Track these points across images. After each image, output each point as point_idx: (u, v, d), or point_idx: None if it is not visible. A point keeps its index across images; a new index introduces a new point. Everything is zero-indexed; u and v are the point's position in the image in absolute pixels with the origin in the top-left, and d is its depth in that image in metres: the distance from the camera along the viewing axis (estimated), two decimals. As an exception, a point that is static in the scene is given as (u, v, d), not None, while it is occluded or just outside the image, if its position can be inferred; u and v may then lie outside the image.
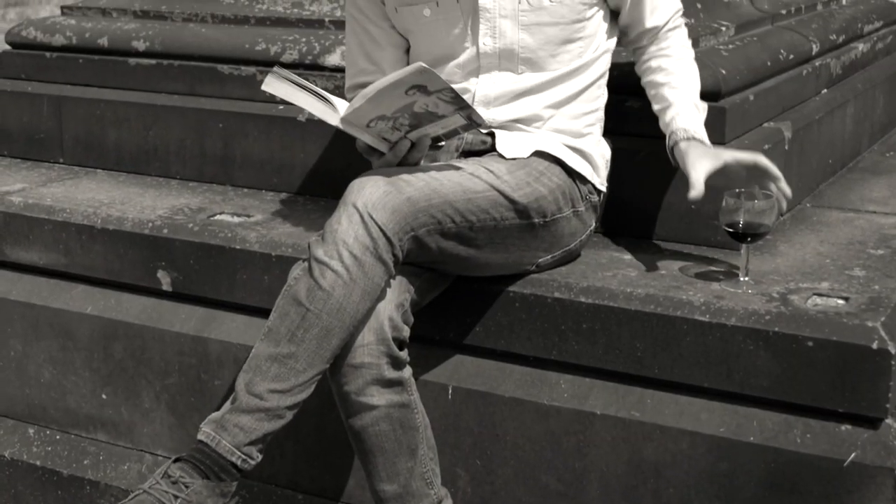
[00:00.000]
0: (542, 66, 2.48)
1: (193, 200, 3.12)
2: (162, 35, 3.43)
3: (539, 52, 2.46)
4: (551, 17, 2.43)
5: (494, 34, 2.46)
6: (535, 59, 2.47)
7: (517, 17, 2.44)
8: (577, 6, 2.44)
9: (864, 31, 3.91)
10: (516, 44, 2.45)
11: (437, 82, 2.11)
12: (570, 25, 2.45)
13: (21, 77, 3.65)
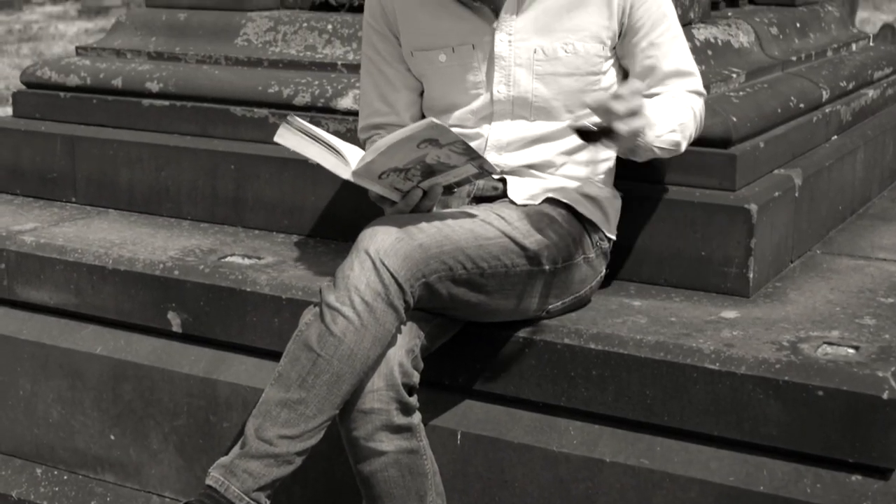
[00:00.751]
0: (556, 116, 2.49)
1: (204, 242, 3.13)
2: (176, 76, 3.45)
3: (553, 101, 2.48)
4: (566, 67, 2.45)
5: (509, 82, 2.47)
6: (548, 108, 2.48)
7: (532, 66, 2.46)
8: (593, 58, 2.46)
9: (874, 78, 3.92)
10: (530, 93, 2.47)
11: (448, 136, 2.13)
12: (584, 77, 2.47)
13: (35, 116, 3.68)
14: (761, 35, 3.44)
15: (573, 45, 2.46)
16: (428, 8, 2.50)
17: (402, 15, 2.54)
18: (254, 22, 3.53)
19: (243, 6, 3.60)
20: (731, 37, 3.27)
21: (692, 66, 2.55)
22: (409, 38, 2.55)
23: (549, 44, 2.45)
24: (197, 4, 3.66)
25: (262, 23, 3.52)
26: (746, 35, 3.36)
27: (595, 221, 2.53)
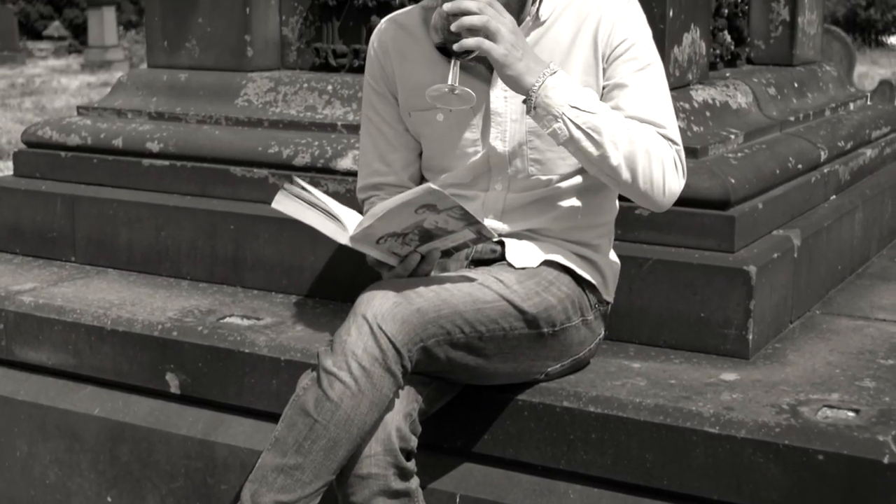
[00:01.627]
0: (552, 167, 2.48)
1: (203, 302, 3.13)
2: (176, 137, 3.47)
3: (548, 153, 2.47)
4: None
5: (504, 137, 2.48)
6: (543, 160, 2.48)
7: (525, 119, 2.46)
8: None
9: (872, 137, 3.94)
10: (525, 145, 2.47)
11: (446, 201, 2.13)
12: None
13: (36, 176, 3.69)
14: (759, 96, 3.46)
15: None
16: (424, 69, 2.51)
17: (400, 76, 2.55)
18: (254, 82, 3.55)
19: (244, 67, 3.62)
20: (730, 98, 3.29)
21: (663, 118, 2.38)
22: (406, 99, 2.56)
23: None
24: (198, 65, 3.69)
25: (262, 83, 3.54)
26: (745, 96, 3.37)
27: (594, 283, 2.53)
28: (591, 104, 2.28)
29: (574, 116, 2.25)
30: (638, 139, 2.30)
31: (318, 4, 3.61)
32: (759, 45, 3.94)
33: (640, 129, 2.33)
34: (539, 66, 2.26)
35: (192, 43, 3.70)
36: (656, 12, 3.00)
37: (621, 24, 2.40)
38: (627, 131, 2.30)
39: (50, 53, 25.42)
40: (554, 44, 2.42)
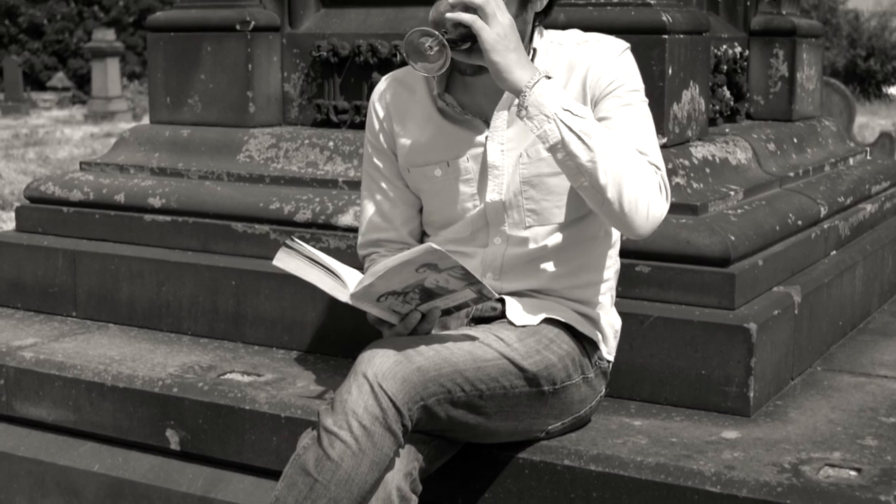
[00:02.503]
0: (548, 217, 2.48)
1: (204, 358, 3.13)
2: (178, 192, 3.48)
3: (543, 202, 2.47)
4: (550, 167, 2.43)
5: (501, 189, 2.49)
6: (539, 210, 2.48)
7: (518, 170, 2.47)
8: None
9: (872, 192, 3.95)
10: (520, 195, 2.47)
11: (447, 261, 2.14)
12: None
13: (38, 231, 3.70)
14: (759, 151, 3.48)
15: None
16: (422, 125, 2.53)
17: (399, 133, 2.57)
18: (256, 139, 3.57)
19: (246, 123, 3.65)
20: (729, 154, 3.30)
21: (647, 147, 2.36)
22: (405, 155, 2.58)
23: (532, 147, 2.46)
24: (200, 121, 3.71)
25: (264, 139, 3.56)
26: (744, 152, 3.39)
27: (594, 341, 2.53)
28: (584, 111, 2.27)
29: (566, 119, 2.22)
30: (626, 155, 2.27)
31: (319, 61, 3.64)
32: (758, 100, 3.96)
33: (629, 149, 2.30)
34: (531, 67, 2.26)
35: (195, 99, 3.72)
36: (655, 70, 3.03)
37: (611, 69, 2.42)
38: (617, 145, 2.27)
39: (54, 104, 25.55)
40: None
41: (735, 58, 3.81)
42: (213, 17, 3.68)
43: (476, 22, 2.22)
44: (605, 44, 2.46)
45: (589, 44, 2.47)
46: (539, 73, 2.26)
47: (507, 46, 2.24)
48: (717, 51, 3.67)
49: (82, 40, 30.21)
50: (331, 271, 2.27)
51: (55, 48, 32.57)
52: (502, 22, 2.24)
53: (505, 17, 2.26)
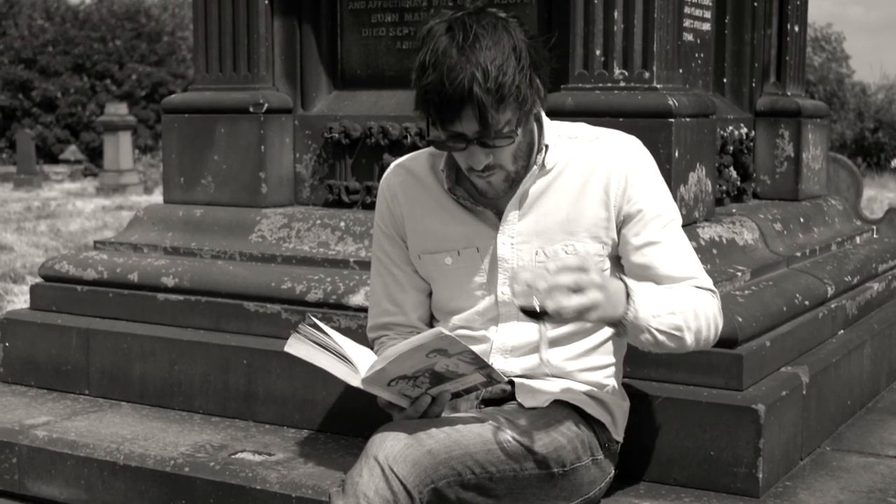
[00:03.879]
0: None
1: (216, 437, 3.14)
2: (191, 272, 3.52)
3: None
4: None
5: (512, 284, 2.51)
6: None
7: (534, 265, 2.50)
8: (594, 258, 2.50)
9: (879, 271, 3.98)
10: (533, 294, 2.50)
11: (456, 346, 2.17)
12: None
13: (52, 309, 3.74)
14: (766, 232, 3.51)
15: (573, 245, 2.50)
16: (433, 213, 2.57)
17: (410, 220, 2.61)
18: (268, 219, 3.62)
19: (258, 203, 3.70)
20: (736, 235, 3.34)
21: (695, 269, 2.45)
22: (415, 242, 2.61)
23: (549, 245, 2.50)
24: (213, 201, 3.76)
25: (276, 219, 3.61)
26: (751, 232, 3.42)
27: (603, 423, 2.55)
28: (668, 304, 2.32)
29: (658, 325, 2.30)
30: (700, 311, 2.36)
31: (331, 142, 3.70)
32: (764, 180, 4.01)
33: (698, 300, 2.37)
34: (620, 294, 2.26)
35: (208, 179, 3.78)
36: (662, 153, 3.07)
37: (637, 180, 2.44)
38: (693, 309, 2.35)
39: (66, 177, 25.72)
40: (562, 192, 2.47)
41: (741, 138, 3.86)
42: (226, 99, 3.75)
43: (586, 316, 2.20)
44: (621, 146, 2.48)
45: (602, 141, 2.49)
46: (629, 301, 2.26)
47: (609, 309, 2.23)
48: (723, 132, 3.72)
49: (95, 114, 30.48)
50: (342, 355, 2.30)
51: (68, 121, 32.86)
52: (603, 301, 2.20)
53: (602, 286, 2.20)
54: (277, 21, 3.79)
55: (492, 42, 2.24)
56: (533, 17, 3.45)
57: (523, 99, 2.29)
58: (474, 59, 2.22)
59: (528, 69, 2.29)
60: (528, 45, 2.30)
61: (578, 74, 3.24)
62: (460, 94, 2.22)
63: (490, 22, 2.28)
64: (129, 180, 20.99)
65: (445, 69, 2.23)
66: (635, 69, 3.18)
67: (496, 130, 2.29)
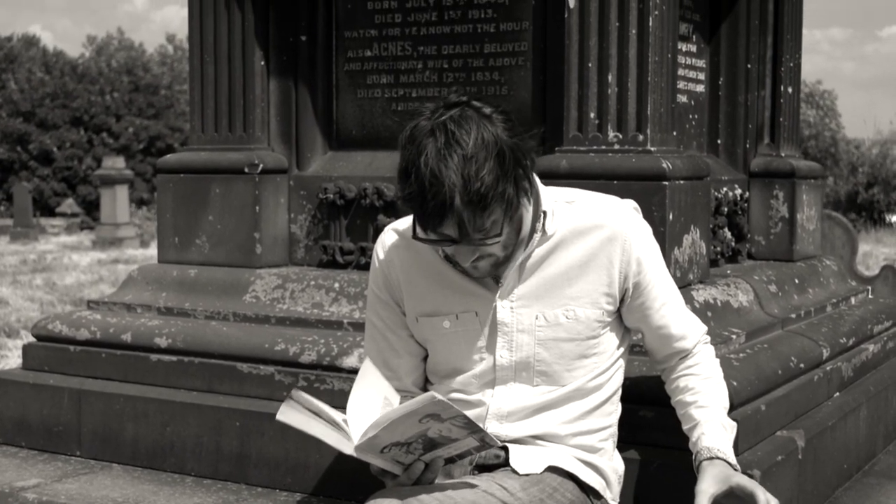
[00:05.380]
0: (558, 379, 2.52)
1: (207, 500, 3.12)
2: (184, 332, 3.51)
3: (554, 365, 2.51)
4: (567, 332, 2.49)
5: (511, 347, 2.51)
6: (550, 372, 2.51)
7: (534, 331, 2.50)
8: (593, 324, 2.51)
9: (874, 332, 3.97)
10: (532, 357, 2.50)
11: (449, 410, 2.16)
12: (585, 341, 2.51)
13: (44, 369, 3.72)
14: (760, 293, 3.51)
15: (574, 311, 2.51)
16: (430, 277, 2.56)
17: (406, 284, 2.60)
18: (262, 279, 3.61)
19: (253, 263, 3.69)
20: (731, 297, 3.33)
21: (694, 322, 2.63)
22: (413, 305, 2.60)
23: (550, 310, 2.50)
24: (208, 261, 3.76)
25: (270, 280, 3.60)
26: (746, 294, 3.42)
27: (597, 489, 2.53)
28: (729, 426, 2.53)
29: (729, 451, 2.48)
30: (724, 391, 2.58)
31: (326, 203, 3.70)
32: (759, 240, 4.01)
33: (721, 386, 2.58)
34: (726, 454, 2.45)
35: (203, 239, 3.78)
36: (656, 215, 3.08)
37: (641, 248, 2.50)
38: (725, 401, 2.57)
39: (62, 230, 25.76)
40: (563, 258, 2.47)
41: (736, 199, 3.87)
42: (222, 159, 3.75)
43: None
44: (621, 213, 2.51)
45: (600, 206, 2.51)
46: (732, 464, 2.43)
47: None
48: (717, 193, 3.73)
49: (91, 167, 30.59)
50: (334, 423, 2.28)
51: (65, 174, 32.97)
52: None
53: None
54: (273, 82, 3.81)
55: (474, 148, 2.22)
56: (527, 79, 3.46)
57: (509, 200, 2.28)
58: (455, 168, 2.20)
59: (513, 170, 2.27)
60: (511, 144, 2.27)
61: (573, 137, 3.26)
62: (441, 205, 2.21)
63: (473, 124, 2.24)
64: (125, 234, 21.01)
65: (427, 181, 2.21)
66: (629, 132, 3.19)
67: (481, 231, 2.28)
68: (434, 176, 2.21)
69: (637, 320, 2.57)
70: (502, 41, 3.51)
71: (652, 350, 2.63)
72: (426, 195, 2.22)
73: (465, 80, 3.56)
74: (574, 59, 3.25)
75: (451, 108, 2.29)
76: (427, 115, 2.30)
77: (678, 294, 2.61)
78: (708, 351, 2.63)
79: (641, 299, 2.53)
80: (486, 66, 3.54)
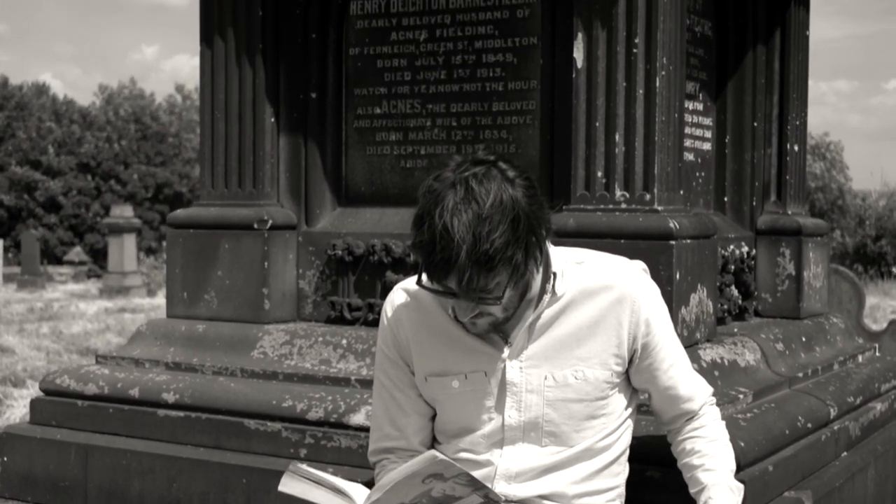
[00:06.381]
0: (566, 440, 2.52)
1: (213, 557, 3.11)
2: (192, 388, 3.52)
3: (563, 426, 2.51)
4: (576, 393, 2.50)
5: (520, 408, 2.52)
6: (558, 432, 2.52)
7: (543, 392, 2.50)
8: (602, 384, 2.51)
9: (882, 391, 3.96)
10: (541, 417, 2.51)
11: (451, 469, 2.16)
12: (593, 402, 2.51)
13: (51, 424, 3.73)
14: (767, 352, 3.51)
15: (583, 371, 2.51)
16: (439, 337, 2.57)
17: (416, 344, 2.60)
18: (270, 335, 3.62)
19: (261, 319, 3.71)
20: (738, 355, 3.33)
21: (700, 383, 2.64)
22: (422, 365, 2.61)
23: (559, 371, 2.51)
24: (216, 316, 3.77)
25: (278, 336, 3.61)
26: (752, 353, 3.42)
27: (604, 550, 2.52)
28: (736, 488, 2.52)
29: None
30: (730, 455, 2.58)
31: (334, 259, 3.72)
32: (766, 298, 4.02)
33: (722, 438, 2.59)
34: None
35: (211, 294, 3.79)
36: (663, 274, 3.09)
37: (650, 310, 2.52)
38: (732, 465, 2.57)
39: (70, 278, 25.81)
40: (572, 319, 2.48)
41: (742, 257, 3.88)
42: (231, 215, 3.78)
43: None
44: (630, 275, 2.52)
45: (610, 268, 2.52)
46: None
47: None
48: (724, 251, 3.74)
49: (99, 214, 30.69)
50: (337, 489, 2.29)
51: (72, 222, 33.06)
52: None
53: None
54: (283, 138, 3.84)
55: (490, 209, 2.23)
56: (535, 138, 3.49)
57: (516, 266, 2.30)
58: (468, 224, 2.21)
59: (525, 237, 2.28)
60: (528, 212, 2.28)
61: (580, 195, 3.27)
62: (447, 259, 2.23)
63: (495, 185, 2.26)
64: (132, 282, 21.04)
65: (438, 232, 2.23)
66: (637, 191, 3.21)
67: (484, 291, 2.30)
68: (446, 229, 2.23)
69: (644, 381, 2.58)
70: (511, 100, 3.54)
71: (658, 411, 2.63)
72: (435, 246, 2.24)
73: (473, 137, 3.59)
74: (581, 118, 3.28)
75: (477, 164, 2.31)
76: (453, 166, 2.32)
77: (685, 355, 2.62)
78: (714, 413, 2.63)
79: (649, 360, 2.54)
80: (495, 125, 3.56)
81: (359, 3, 3.78)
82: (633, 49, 3.20)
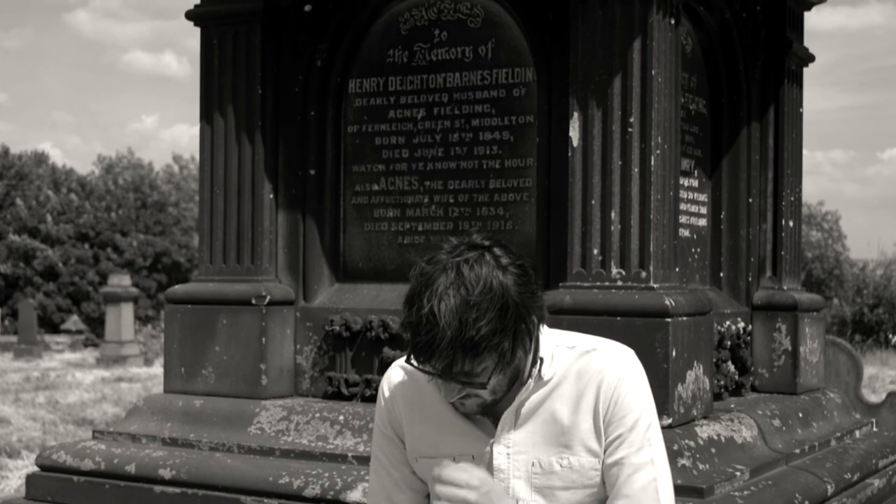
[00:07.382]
0: None
1: None
2: (188, 464, 3.51)
3: None
4: (562, 481, 2.48)
5: (509, 493, 2.51)
6: None
7: (530, 479, 2.49)
8: (589, 472, 2.49)
9: (879, 466, 3.96)
10: (530, 502, 2.50)
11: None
12: (581, 490, 2.49)
13: (47, 500, 3.71)
14: (764, 428, 3.51)
15: (568, 459, 2.49)
16: (431, 418, 2.56)
17: (408, 423, 2.60)
18: (268, 411, 3.62)
19: (258, 394, 3.71)
20: (734, 432, 3.34)
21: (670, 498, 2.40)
22: (413, 446, 2.60)
23: (545, 457, 2.49)
24: (213, 391, 3.78)
25: (275, 412, 3.61)
26: (749, 430, 3.42)
27: None
28: None
29: None
30: None
31: (332, 334, 3.73)
32: (762, 373, 4.03)
33: None
34: None
35: (209, 370, 3.80)
36: (659, 352, 3.10)
37: (626, 395, 2.42)
38: None
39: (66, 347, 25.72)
40: (559, 404, 2.47)
41: (738, 333, 3.89)
42: (229, 291, 3.79)
43: None
44: (614, 361, 2.47)
45: (597, 354, 2.50)
46: None
47: None
48: (720, 327, 3.76)
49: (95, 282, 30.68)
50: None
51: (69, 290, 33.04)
52: None
53: None
54: (282, 214, 3.87)
55: (479, 296, 2.23)
56: (532, 215, 3.52)
57: (502, 353, 2.29)
58: (454, 310, 2.21)
59: (513, 325, 2.28)
60: (518, 301, 2.27)
61: (576, 273, 3.29)
62: (431, 343, 2.22)
63: (485, 271, 2.27)
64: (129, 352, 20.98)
65: (425, 316, 2.23)
66: (632, 268, 3.23)
67: (469, 375, 2.30)
68: (432, 313, 2.23)
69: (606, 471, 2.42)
70: (507, 177, 3.57)
71: None
72: (420, 329, 2.24)
73: (470, 214, 3.61)
74: (577, 196, 3.31)
75: (472, 249, 2.31)
76: (447, 249, 2.32)
77: (663, 461, 2.41)
78: None
79: (614, 457, 2.39)
80: (492, 202, 3.60)
81: (357, 82, 3.83)
82: (629, 128, 3.24)
